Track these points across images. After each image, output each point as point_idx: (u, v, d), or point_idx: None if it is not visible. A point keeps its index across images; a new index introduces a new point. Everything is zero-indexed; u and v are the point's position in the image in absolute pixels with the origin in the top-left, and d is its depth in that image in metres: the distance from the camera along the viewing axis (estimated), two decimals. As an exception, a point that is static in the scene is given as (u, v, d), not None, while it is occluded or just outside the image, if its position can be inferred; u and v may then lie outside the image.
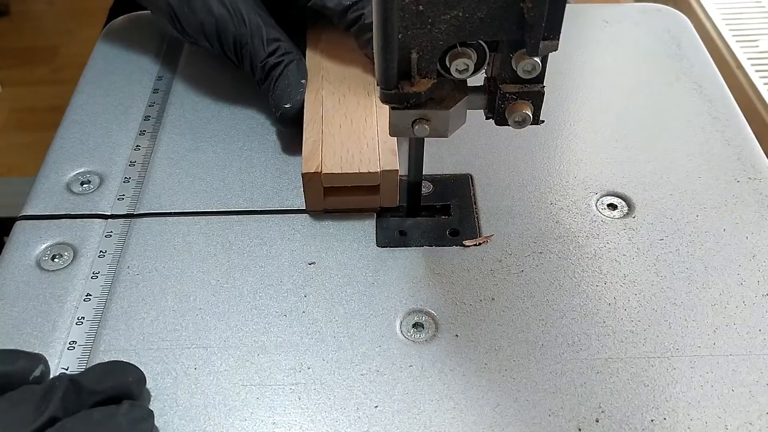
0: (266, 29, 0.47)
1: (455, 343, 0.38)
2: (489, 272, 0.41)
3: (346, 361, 0.37)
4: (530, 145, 0.49)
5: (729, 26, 1.08)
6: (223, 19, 0.47)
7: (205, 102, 0.52)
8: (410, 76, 0.34)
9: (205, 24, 0.47)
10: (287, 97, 0.46)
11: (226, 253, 0.42)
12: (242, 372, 0.37)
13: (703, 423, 0.34)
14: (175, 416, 0.35)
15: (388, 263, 0.41)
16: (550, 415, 0.35)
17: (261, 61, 0.47)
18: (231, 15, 0.47)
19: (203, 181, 0.46)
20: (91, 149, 0.49)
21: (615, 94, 0.53)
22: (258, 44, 0.47)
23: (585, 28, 0.59)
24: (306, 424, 0.35)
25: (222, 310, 0.39)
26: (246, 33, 0.47)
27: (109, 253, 0.42)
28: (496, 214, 0.44)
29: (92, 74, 0.55)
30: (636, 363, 0.37)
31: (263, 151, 0.48)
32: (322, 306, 0.39)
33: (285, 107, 0.46)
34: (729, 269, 0.41)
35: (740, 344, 0.37)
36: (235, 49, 0.47)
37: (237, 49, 0.47)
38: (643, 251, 0.42)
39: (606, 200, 0.45)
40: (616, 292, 0.40)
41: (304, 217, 0.44)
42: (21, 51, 1.66)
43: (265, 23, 0.47)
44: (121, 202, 0.45)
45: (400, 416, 0.35)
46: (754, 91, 0.98)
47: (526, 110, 0.35)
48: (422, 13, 0.32)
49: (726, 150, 0.48)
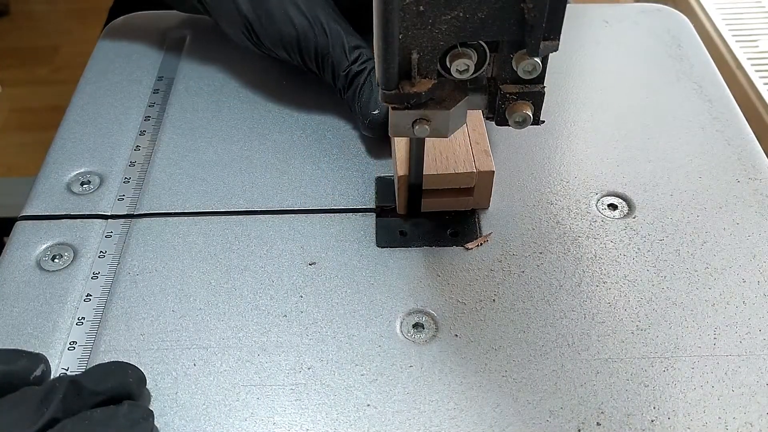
0: (347, 37, 0.46)
1: (455, 343, 0.38)
2: (489, 272, 0.41)
3: (346, 361, 0.37)
4: (530, 145, 0.49)
5: (729, 26, 1.08)
6: (304, 30, 0.46)
7: (205, 102, 0.52)
8: (411, 77, 0.34)
9: (285, 35, 0.46)
10: (374, 104, 0.45)
11: (226, 253, 0.42)
12: (242, 372, 0.37)
13: (703, 423, 0.34)
14: (175, 416, 0.35)
15: (389, 263, 0.41)
16: (550, 415, 0.35)
17: (344, 69, 0.46)
18: (311, 24, 0.46)
19: (203, 181, 0.46)
20: (91, 149, 0.49)
21: (615, 94, 0.53)
22: (339, 53, 0.46)
23: (585, 28, 0.59)
24: (306, 424, 0.35)
25: (222, 310, 0.39)
26: (327, 42, 0.46)
27: (110, 253, 0.42)
28: (496, 214, 0.44)
29: (92, 74, 0.55)
30: (636, 363, 0.37)
31: (263, 151, 0.48)
32: (322, 306, 0.39)
33: (374, 114, 0.45)
34: (729, 269, 0.41)
35: (741, 344, 0.37)
36: (317, 59, 0.46)
37: (318, 59, 0.46)
38: (643, 251, 0.42)
39: (606, 200, 0.45)
40: (617, 292, 0.40)
41: (304, 217, 0.44)
42: (21, 51, 1.66)
43: (345, 30, 0.46)
44: (121, 202, 0.45)
45: (400, 416, 0.35)
46: (754, 91, 0.98)
47: (526, 110, 0.35)
48: (423, 13, 0.32)
49: (726, 150, 0.48)
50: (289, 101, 0.49)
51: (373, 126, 0.45)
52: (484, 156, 0.42)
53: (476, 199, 0.44)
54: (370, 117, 0.45)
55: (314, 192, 0.46)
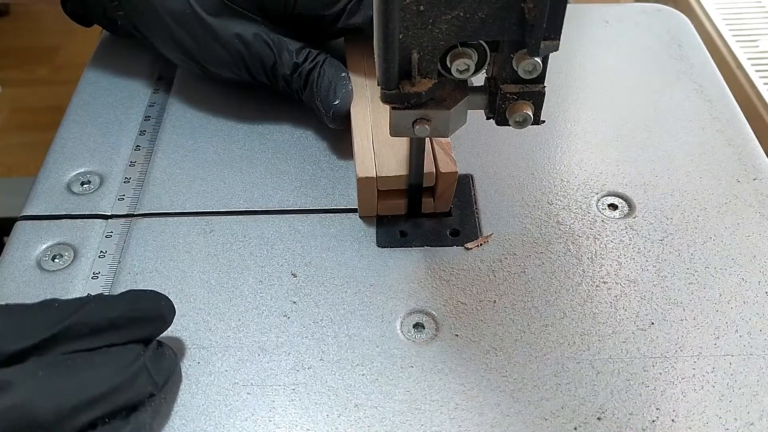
0: (288, 41, 0.46)
1: (456, 343, 0.38)
2: (489, 272, 0.41)
3: (346, 361, 0.37)
4: (530, 145, 0.49)
5: (729, 26, 1.08)
6: (246, 46, 0.46)
7: (205, 102, 0.52)
8: (411, 76, 0.34)
9: (228, 56, 0.46)
10: (333, 94, 0.45)
11: (226, 253, 0.42)
12: (242, 372, 0.37)
13: (704, 423, 0.34)
14: (176, 416, 0.35)
15: (389, 263, 0.41)
16: (551, 415, 0.35)
17: (296, 71, 0.46)
18: (252, 40, 0.46)
19: (203, 181, 0.46)
20: (91, 149, 0.49)
21: (615, 94, 0.53)
22: (287, 57, 0.46)
23: (585, 28, 0.59)
24: (306, 424, 0.34)
25: (222, 310, 0.39)
26: (272, 51, 0.46)
27: (110, 253, 0.42)
28: (497, 214, 0.44)
29: (92, 74, 0.55)
30: (637, 363, 0.37)
31: (263, 151, 0.48)
32: (322, 306, 0.39)
33: (335, 104, 0.45)
34: (730, 269, 0.41)
35: (741, 344, 0.37)
36: (265, 70, 0.46)
37: (267, 70, 0.46)
38: (643, 251, 0.42)
39: (607, 200, 0.45)
40: (617, 292, 0.40)
41: (304, 217, 0.44)
42: (21, 51, 1.66)
43: (286, 35, 0.46)
44: (121, 202, 0.45)
45: (400, 416, 0.35)
46: (754, 91, 0.98)
47: (526, 110, 0.35)
48: (423, 13, 0.32)
49: (726, 150, 0.48)
50: (290, 101, 0.49)
51: (338, 116, 0.45)
52: (446, 157, 0.42)
53: (437, 202, 0.43)
54: (332, 108, 0.45)
55: (314, 192, 0.46)
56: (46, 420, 0.29)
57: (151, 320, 0.34)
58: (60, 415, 0.29)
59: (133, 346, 0.33)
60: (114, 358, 0.32)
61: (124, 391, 0.31)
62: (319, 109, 0.46)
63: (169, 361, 0.35)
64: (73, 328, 0.31)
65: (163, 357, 0.35)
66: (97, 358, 0.31)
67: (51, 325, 0.31)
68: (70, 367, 0.30)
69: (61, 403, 0.29)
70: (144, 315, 0.34)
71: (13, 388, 0.29)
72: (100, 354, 0.32)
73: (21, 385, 0.29)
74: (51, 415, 0.29)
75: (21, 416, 0.28)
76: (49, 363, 0.30)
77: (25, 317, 0.31)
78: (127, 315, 0.33)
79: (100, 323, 0.32)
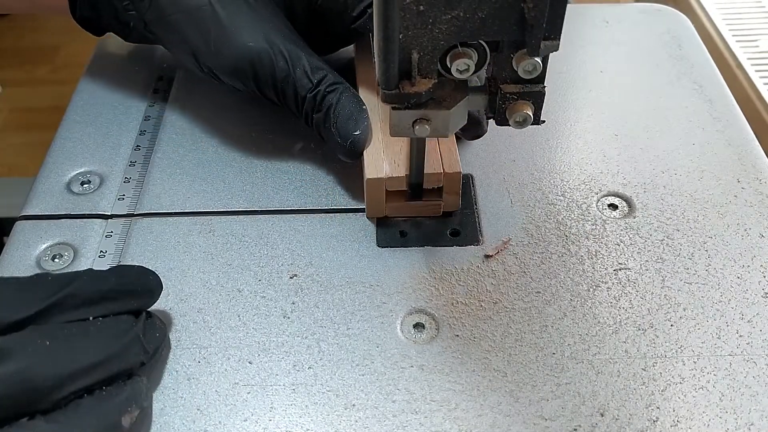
0: (308, 58, 0.43)
1: (456, 343, 0.38)
2: (490, 272, 0.41)
3: (346, 361, 0.37)
4: (530, 145, 0.49)
5: (729, 26, 1.08)
6: (259, 55, 0.43)
7: (205, 102, 0.52)
8: (411, 76, 0.34)
9: (238, 63, 0.43)
10: (354, 124, 0.42)
11: (226, 253, 0.42)
12: (242, 372, 0.37)
13: (705, 423, 0.34)
14: (176, 416, 0.35)
15: (389, 263, 0.41)
16: (551, 415, 0.35)
17: (310, 91, 0.43)
18: (267, 48, 0.43)
19: (203, 181, 0.46)
20: (91, 149, 0.49)
21: (615, 94, 0.53)
22: (301, 75, 0.43)
23: (585, 28, 0.59)
24: (306, 424, 0.34)
25: (222, 310, 0.39)
26: (287, 65, 0.43)
27: (110, 253, 0.42)
28: (497, 214, 0.44)
29: (92, 74, 0.55)
30: (637, 363, 0.37)
31: (263, 151, 0.48)
32: (322, 306, 0.39)
33: (356, 134, 0.42)
34: (730, 269, 0.41)
35: (741, 344, 0.37)
36: (275, 84, 0.43)
37: (277, 85, 0.43)
38: (644, 251, 0.42)
39: (607, 200, 0.45)
40: (617, 292, 0.40)
41: (304, 217, 0.44)
42: (21, 51, 1.66)
43: (304, 51, 0.44)
44: (121, 202, 0.45)
45: (400, 416, 0.35)
46: (754, 91, 0.98)
47: (526, 110, 0.35)
48: (423, 13, 0.32)
49: (726, 150, 0.48)
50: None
51: (355, 148, 0.42)
52: (452, 157, 0.42)
53: (445, 202, 0.43)
54: (351, 138, 0.42)
55: (314, 192, 0.46)
56: (45, 386, 0.30)
57: (140, 294, 0.36)
58: (58, 382, 0.30)
59: (126, 317, 0.34)
60: (108, 329, 0.33)
61: (118, 359, 0.32)
62: (333, 137, 0.43)
63: (159, 331, 0.36)
64: (68, 300, 0.32)
65: (154, 327, 0.36)
66: (92, 328, 0.32)
67: (46, 296, 0.32)
68: (67, 336, 0.31)
69: (59, 370, 0.30)
70: (134, 288, 0.35)
71: (13, 356, 0.29)
72: (94, 324, 0.33)
73: (20, 352, 0.30)
74: (50, 382, 0.30)
75: (21, 382, 0.29)
76: (46, 332, 0.31)
77: (21, 289, 0.32)
78: (118, 288, 0.34)
79: (92, 295, 0.33)
